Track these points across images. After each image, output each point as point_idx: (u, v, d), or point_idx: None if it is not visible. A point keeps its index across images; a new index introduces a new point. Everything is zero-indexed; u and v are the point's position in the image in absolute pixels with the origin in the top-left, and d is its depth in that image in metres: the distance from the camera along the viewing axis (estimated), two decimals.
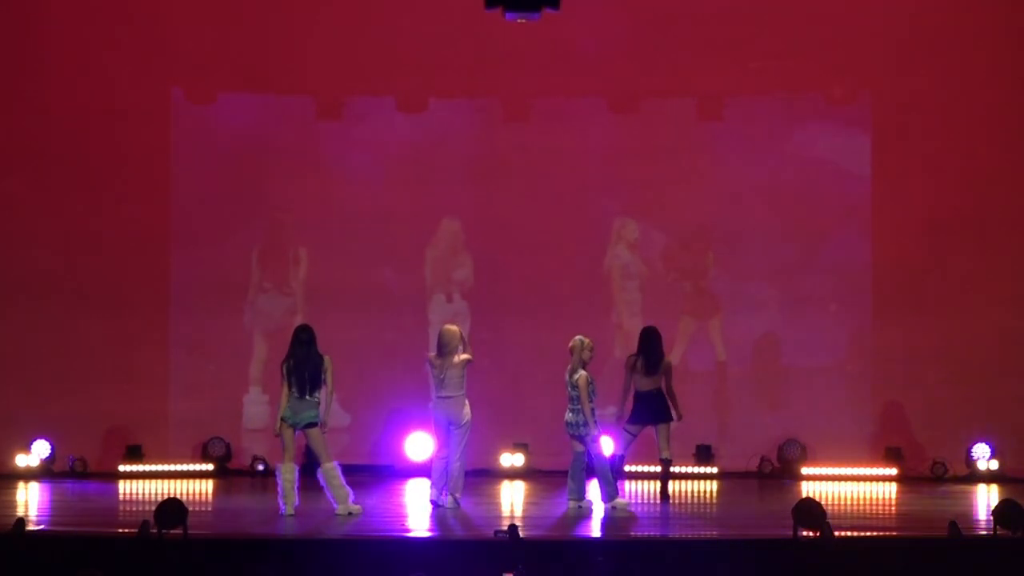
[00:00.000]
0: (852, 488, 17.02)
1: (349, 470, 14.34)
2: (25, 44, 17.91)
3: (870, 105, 18.07)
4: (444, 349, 14.43)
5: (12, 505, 15.09)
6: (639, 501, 15.76)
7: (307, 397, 13.92)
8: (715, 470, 17.84)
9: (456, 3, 16.98)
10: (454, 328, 14.60)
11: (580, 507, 14.34)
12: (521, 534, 11.70)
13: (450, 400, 14.35)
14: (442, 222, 18.38)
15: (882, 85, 18.04)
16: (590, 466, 14.38)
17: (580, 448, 14.35)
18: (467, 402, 14.44)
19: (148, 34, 17.93)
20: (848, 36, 17.95)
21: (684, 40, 18.01)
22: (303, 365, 13.94)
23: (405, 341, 18.08)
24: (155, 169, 18.05)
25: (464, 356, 14.39)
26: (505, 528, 11.88)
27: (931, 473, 17.61)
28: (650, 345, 15.31)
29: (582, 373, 14.21)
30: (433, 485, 14.52)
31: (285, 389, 13.98)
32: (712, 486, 17.29)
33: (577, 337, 14.38)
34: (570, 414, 14.30)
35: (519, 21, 13.79)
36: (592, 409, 14.24)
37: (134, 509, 14.84)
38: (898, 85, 17.98)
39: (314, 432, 13.95)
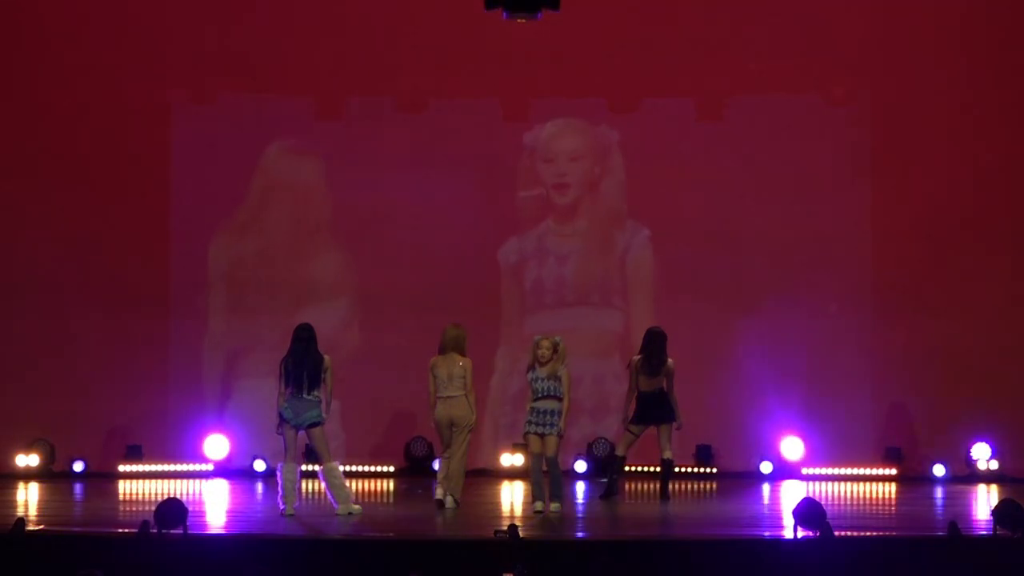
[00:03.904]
0: (852, 488, 17.02)
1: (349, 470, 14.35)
2: (25, 44, 17.91)
3: (870, 105, 18.07)
4: (446, 349, 14.45)
5: (12, 505, 15.09)
6: (639, 501, 15.76)
7: (306, 396, 13.91)
8: (715, 470, 17.85)
9: (456, 3, 16.98)
10: (457, 328, 14.61)
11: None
12: (521, 534, 11.70)
13: (452, 400, 14.35)
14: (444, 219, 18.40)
15: (882, 85, 18.04)
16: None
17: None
18: (471, 403, 14.42)
19: (148, 34, 17.93)
20: (848, 36, 17.95)
21: (684, 40, 18.01)
22: (302, 363, 13.94)
23: (407, 342, 18.09)
24: (155, 169, 18.05)
25: (465, 359, 14.40)
26: (505, 528, 11.88)
27: (931, 473, 17.61)
28: (653, 346, 15.32)
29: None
30: (439, 485, 14.50)
31: (281, 387, 13.98)
32: (712, 486, 17.29)
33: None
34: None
35: (519, 21, 13.78)
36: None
37: (134, 509, 14.84)
38: (898, 85, 17.98)
39: (316, 432, 13.95)
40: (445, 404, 14.39)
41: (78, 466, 17.61)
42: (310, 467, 15.24)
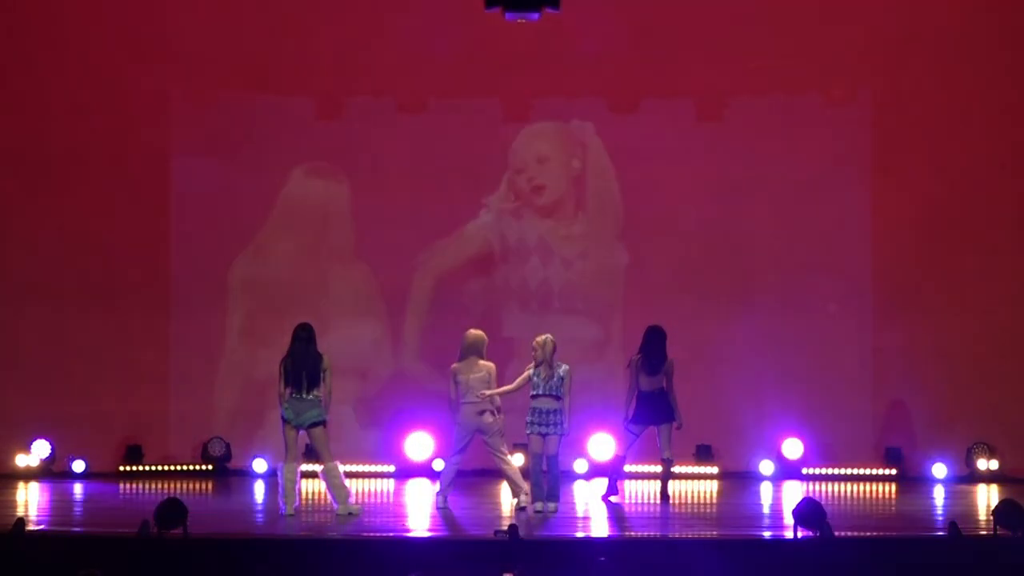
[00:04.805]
0: (852, 488, 17.03)
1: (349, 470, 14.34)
2: (25, 44, 17.90)
3: (870, 105, 18.06)
4: (467, 354, 14.36)
5: (12, 505, 15.09)
6: (639, 501, 15.75)
7: (306, 396, 13.91)
8: (715, 470, 17.86)
9: (456, 3, 16.97)
10: (477, 333, 14.54)
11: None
12: (521, 534, 11.70)
13: (475, 405, 14.26)
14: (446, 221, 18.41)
15: (882, 85, 18.04)
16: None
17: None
18: (496, 407, 14.34)
19: (148, 34, 17.93)
20: (848, 36, 17.95)
21: (684, 40, 18.01)
22: (302, 363, 13.93)
23: (408, 342, 18.13)
24: (155, 169, 18.04)
25: (487, 363, 14.32)
26: (505, 528, 11.88)
27: (931, 473, 17.61)
28: (653, 345, 15.28)
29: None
30: (440, 492, 14.44)
31: (280, 387, 13.97)
32: (712, 486, 17.30)
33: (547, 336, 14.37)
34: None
35: (519, 21, 13.78)
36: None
37: (134, 509, 14.83)
38: (898, 85, 17.98)
39: (317, 431, 13.94)
40: (471, 409, 14.31)
41: (78, 466, 17.61)
42: (310, 467, 15.23)
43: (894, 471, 17.71)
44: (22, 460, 17.57)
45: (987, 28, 17.87)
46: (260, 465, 17.58)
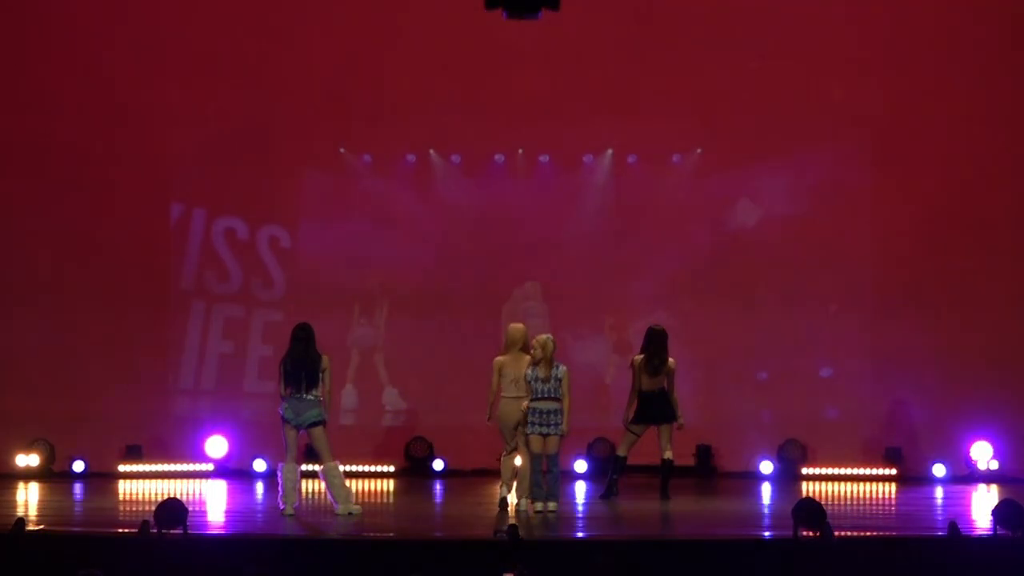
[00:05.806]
0: (852, 488, 17.03)
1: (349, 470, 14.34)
2: (25, 44, 17.92)
3: (870, 105, 18.05)
4: (513, 348, 14.24)
5: (12, 505, 15.09)
6: (639, 501, 15.75)
7: (306, 396, 13.89)
8: (715, 470, 17.85)
9: (456, 4, 16.96)
10: (520, 327, 14.46)
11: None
12: (521, 534, 11.70)
13: (519, 401, 14.19)
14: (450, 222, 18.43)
15: (882, 86, 18.03)
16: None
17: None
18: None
19: (148, 34, 17.94)
20: (848, 36, 17.95)
21: (684, 40, 18.00)
22: (300, 363, 13.90)
23: (403, 342, 18.15)
24: (155, 169, 18.04)
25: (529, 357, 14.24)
26: (505, 528, 11.88)
27: (931, 473, 17.61)
28: (655, 345, 15.27)
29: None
30: (504, 483, 14.38)
31: (280, 388, 13.95)
32: (714, 486, 17.29)
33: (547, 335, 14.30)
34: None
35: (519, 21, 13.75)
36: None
37: (134, 509, 14.84)
38: (898, 85, 17.97)
39: (318, 431, 13.92)
40: (512, 404, 14.26)
41: (78, 466, 17.62)
42: (310, 467, 15.22)
43: (894, 471, 17.71)
44: (22, 460, 17.58)
45: (988, 28, 17.87)
46: (260, 465, 17.59)
